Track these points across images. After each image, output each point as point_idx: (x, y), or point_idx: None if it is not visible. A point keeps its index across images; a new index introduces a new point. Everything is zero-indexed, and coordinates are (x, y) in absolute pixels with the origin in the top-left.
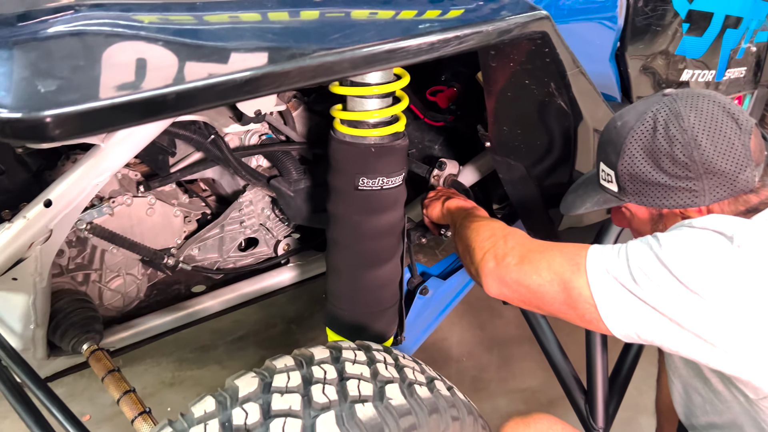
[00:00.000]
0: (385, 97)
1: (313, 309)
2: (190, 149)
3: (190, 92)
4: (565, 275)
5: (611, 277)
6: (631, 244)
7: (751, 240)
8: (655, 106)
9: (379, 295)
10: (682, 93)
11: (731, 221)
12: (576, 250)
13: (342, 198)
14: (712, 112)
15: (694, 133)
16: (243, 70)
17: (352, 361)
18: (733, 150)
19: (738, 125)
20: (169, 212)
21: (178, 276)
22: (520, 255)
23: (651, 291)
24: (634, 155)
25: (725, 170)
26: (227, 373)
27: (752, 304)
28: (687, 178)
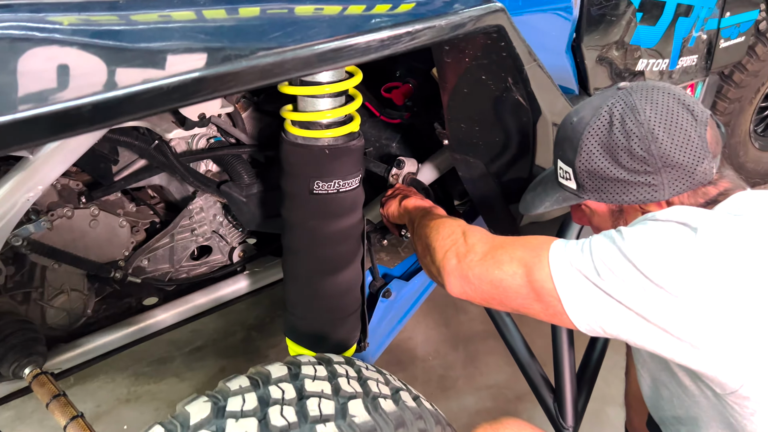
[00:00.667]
0: (337, 96)
1: (274, 314)
2: (134, 155)
3: (119, 100)
4: (528, 268)
5: (575, 270)
6: (595, 239)
7: (716, 231)
8: (610, 100)
9: (341, 302)
10: (637, 86)
11: (695, 212)
12: (539, 243)
13: (296, 203)
14: (667, 104)
15: (650, 127)
16: (177, 75)
17: (312, 377)
18: (690, 142)
19: (694, 117)
20: (115, 223)
21: (128, 289)
22: (482, 251)
23: (616, 285)
24: (592, 151)
25: (683, 163)
26: (186, 386)
27: (719, 298)
28: (645, 173)
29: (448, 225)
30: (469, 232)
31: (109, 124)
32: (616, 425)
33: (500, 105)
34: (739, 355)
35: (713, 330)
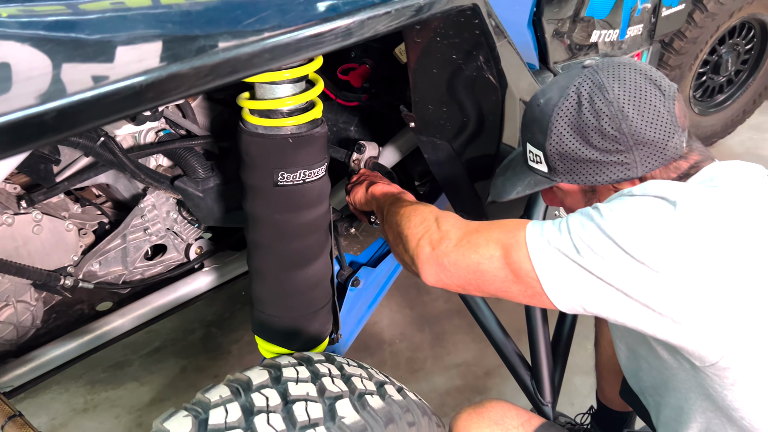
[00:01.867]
0: (297, 82)
1: (233, 308)
2: (77, 153)
3: (75, 108)
4: (505, 249)
5: (553, 249)
6: (572, 217)
7: (694, 205)
8: (577, 79)
9: (311, 296)
10: (603, 63)
11: (671, 186)
12: (515, 225)
13: (260, 196)
14: (635, 80)
15: (620, 105)
16: (143, 73)
17: (295, 380)
18: (660, 118)
19: (662, 92)
20: (60, 227)
21: (79, 295)
22: (456, 237)
23: (596, 262)
24: (562, 133)
25: (654, 139)
26: (147, 390)
27: (699, 272)
28: (617, 152)
29: (420, 212)
30: (442, 218)
31: (74, 132)
32: (583, 393)
33: (470, 84)
34: (719, 328)
35: (694, 304)
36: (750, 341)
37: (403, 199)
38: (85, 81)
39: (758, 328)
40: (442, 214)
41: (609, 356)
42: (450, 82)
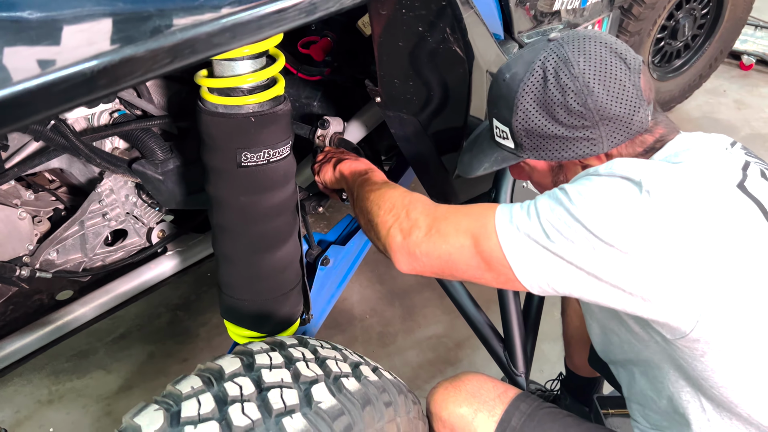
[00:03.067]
0: (258, 58)
1: (199, 291)
2: (26, 138)
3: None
4: (475, 238)
5: (523, 235)
6: (540, 201)
7: (659, 184)
8: (542, 54)
9: (281, 279)
10: (568, 37)
11: (636, 165)
12: (483, 211)
13: (223, 178)
14: (600, 54)
15: (585, 80)
16: (93, 58)
17: (269, 366)
18: (625, 92)
19: (627, 65)
20: (12, 215)
21: (37, 285)
22: (426, 225)
23: (565, 246)
24: (528, 109)
25: (620, 114)
26: (114, 378)
27: (667, 251)
28: (584, 127)
29: (389, 198)
30: (411, 204)
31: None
32: (552, 360)
33: (437, 57)
34: (689, 302)
35: (663, 282)
36: (718, 313)
37: (372, 181)
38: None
39: (726, 300)
40: (411, 199)
41: (576, 326)
42: (416, 55)
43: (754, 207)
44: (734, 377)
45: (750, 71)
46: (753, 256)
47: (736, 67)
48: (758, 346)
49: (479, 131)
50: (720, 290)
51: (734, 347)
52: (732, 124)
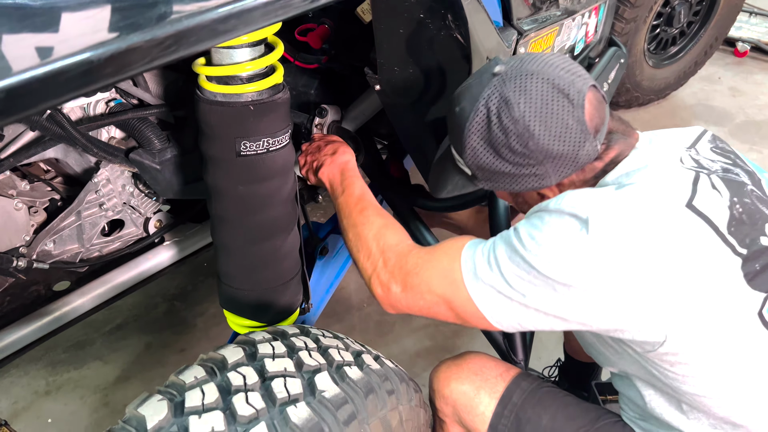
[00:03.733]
0: (256, 46)
1: (196, 281)
2: (21, 128)
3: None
4: (447, 298)
5: (489, 288)
6: (498, 248)
7: (605, 219)
8: (486, 91)
9: (281, 268)
10: (511, 72)
11: (584, 200)
12: (450, 264)
13: (222, 168)
14: (541, 93)
15: (525, 123)
16: (99, 46)
17: (271, 355)
18: (568, 131)
19: (570, 101)
20: (8, 206)
21: (34, 276)
22: (402, 281)
23: (529, 295)
24: (476, 148)
25: (564, 152)
26: (111, 369)
27: (623, 281)
28: (530, 165)
29: (364, 242)
30: (385, 252)
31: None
32: (549, 347)
33: (438, 45)
34: (654, 322)
35: (627, 310)
36: (684, 329)
37: (348, 209)
38: (36, 56)
39: (688, 315)
40: (384, 244)
41: None
42: (417, 42)
43: (703, 224)
44: (706, 384)
45: (744, 58)
46: (707, 272)
47: (731, 54)
48: (724, 355)
49: (445, 149)
50: (681, 308)
51: (702, 357)
52: (726, 111)
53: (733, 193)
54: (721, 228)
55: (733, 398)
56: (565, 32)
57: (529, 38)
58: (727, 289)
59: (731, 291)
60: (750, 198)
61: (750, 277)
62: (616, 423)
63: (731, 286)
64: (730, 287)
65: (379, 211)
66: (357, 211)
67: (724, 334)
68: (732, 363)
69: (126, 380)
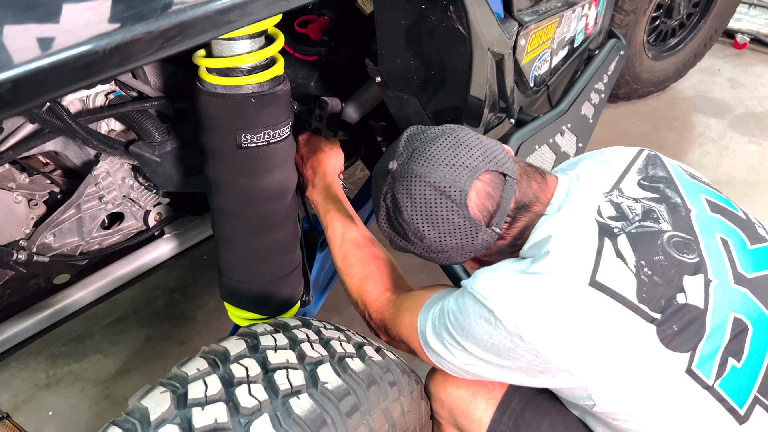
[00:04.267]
0: (257, 37)
1: (195, 274)
2: (20, 120)
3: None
4: (416, 352)
5: (437, 355)
6: (439, 320)
7: (510, 311)
8: (384, 188)
9: (282, 261)
10: (400, 173)
11: (492, 286)
12: (411, 324)
13: (223, 160)
14: (424, 197)
15: (414, 225)
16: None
17: (274, 347)
18: (456, 228)
19: (452, 201)
20: (8, 199)
21: (34, 269)
22: (385, 332)
23: (470, 362)
24: (388, 232)
25: (458, 245)
26: (112, 362)
27: (539, 364)
28: (432, 252)
29: (352, 291)
30: (369, 306)
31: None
32: None
33: (439, 36)
34: (577, 391)
35: (550, 382)
36: (606, 394)
37: (333, 251)
38: (39, 47)
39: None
40: (367, 299)
41: None
42: (418, 33)
43: (609, 300)
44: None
45: (744, 50)
46: (621, 346)
47: (730, 46)
48: (663, 414)
49: None
50: (602, 382)
51: (640, 417)
52: (726, 103)
53: (642, 254)
54: (630, 298)
55: None
56: (565, 24)
57: (529, 30)
58: (645, 357)
59: (651, 357)
60: (664, 251)
61: (668, 341)
62: None
63: (649, 353)
64: (648, 354)
65: (360, 259)
66: (340, 258)
67: (656, 396)
68: (674, 419)
69: (126, 373)
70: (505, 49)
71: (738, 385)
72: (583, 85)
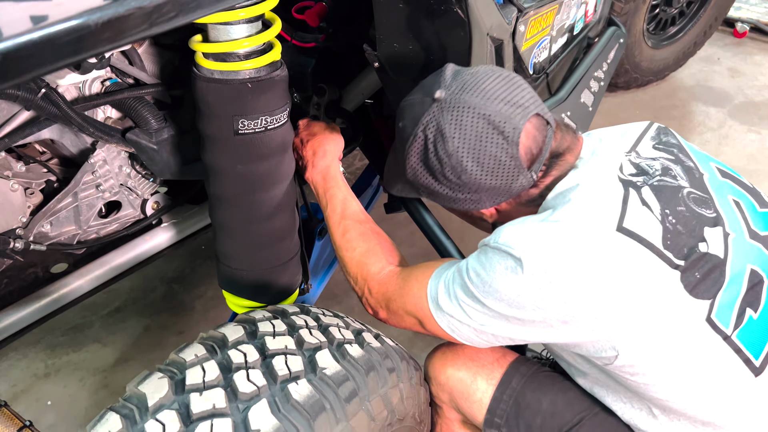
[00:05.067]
0: (254, 22)
1: (194, 264)
2: (15, 107)
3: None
4: (422, 322)
5: (450, 317)
6: (455, 281)
7: (537, 257)
8: (426, 117)
9: (280, 248)
10: (450, 102)
11: (518, 236)
12: (419, 292)
13: (220, 146)
14: (475, 129)
15: (458, 157)
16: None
17: (272, 333)
18: (500, 167)
19: (504, 137)
20: (5, 187)
21: (31, 258)
22: (385, 307)
23: (485, 322)
24: (415, 168)
25: (497, 185)
26: (110, 351)
27: (564, 313)
28: (464, 191)
29: (350, 268)
30: (369, 281)
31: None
32: None
33: (437, 19)
34: (602, 341)
35: (576, 333)
36: (632, 344)
37: (332, 228)
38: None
39: (634, 330)
40: (367, 273)
41: None
42: (417, 18)
43: (636, 244)
44: (670, 390)
45: (744, 39)
46: (647, 290)
47: (730, 35)
48: (680, 363)
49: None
50: (626, 327)
51: (658, 368)
52: (725, 92)
53: (666, 203)
54: (656, 244)
55: (698, 400)
56: (564, 11)
57: (528, 16)
58: (669, 303)
59: (674, 304)
60: (685, 204)
61: (691, 288)
62: None
63: (673, 299)
64: (672, 301)
65: (361, 233)
66: (339, 234)
67: (676, 345)
68: (689, 368)
69: (125, 362)
70: (505, 35)
71: (754, 337)
72: (583, 73)
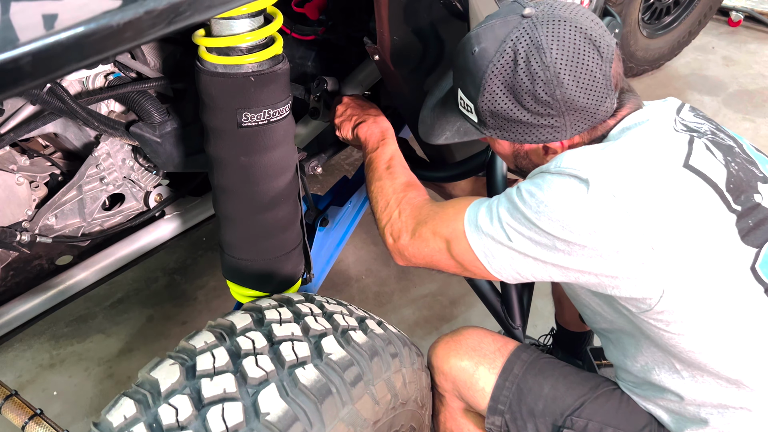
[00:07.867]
0: (256, 16)
1: (195, 255)
2: (20, 102)
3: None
4: (449, 243)
5: (488, 238)
6: (501, 205)
7: (606, 179)
8: (514, 33)
9: (283, 238)
10: (543, 16)
11: (584, 160)
12: (455, 214)
13: (224, 139)
14: (574, 42)
15: (556, 70)
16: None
17: (279, 321)
18: (594, 84)
19: (600, 54)
20: (10, 181)
21: (37, 250)
22: (411, 230)
23: (528, 246)
24: (495, 92)
25: (587, 105)
26: (114, 341)
27: (622, 239)
28: (549, 116)
29: (386, 194)
30: (403, 205)
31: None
32: (545, 315)
33: (437, 12)
34: (651, 280)
35: (625, 267)
36: (679, 286)
37: (378, 164)
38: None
39: (685, 272)
40: (404, 198)
41: None
42: (416, 10)
43: (701, 182)
44: (700, 341)
45: (738, 27)
46: (704, 228)
47: (725, 24)
48: (718, 309)
49: (443, 87)
50: (677, 262)
51: (696, 312)
52: (720, 80)
53: (726, 153)
54: (720, 185)
55: (727, 354)
56: None
57: None
58: (722, 245)
59: (726, 246)
60: (740, 158)
61: (744, 233)
62: (614, 391)
63: (726, 241)
64: (725, 243)
65: (406, 172)
66: (385, 167)
67: (718, 288)
68: (725, 317)
69: (129, 352)
70: None
71: None
72: None
